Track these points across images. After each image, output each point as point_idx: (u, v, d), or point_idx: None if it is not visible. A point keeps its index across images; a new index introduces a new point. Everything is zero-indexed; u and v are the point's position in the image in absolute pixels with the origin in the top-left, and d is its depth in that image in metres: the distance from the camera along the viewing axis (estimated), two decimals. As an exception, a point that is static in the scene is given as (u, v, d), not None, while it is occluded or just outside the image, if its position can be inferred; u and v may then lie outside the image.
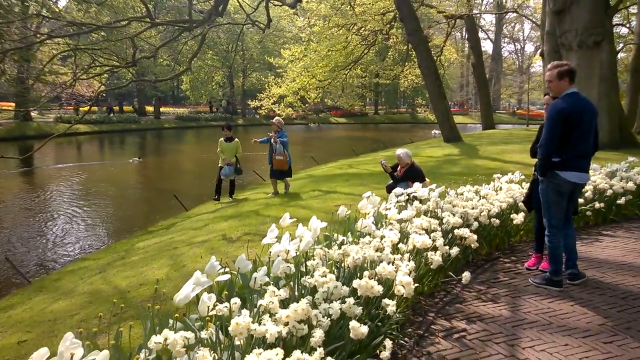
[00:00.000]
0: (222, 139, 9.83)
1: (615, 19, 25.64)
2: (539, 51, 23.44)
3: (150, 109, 45.36)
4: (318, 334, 2.43)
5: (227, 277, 2.96)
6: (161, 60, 30.97)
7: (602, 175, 6.87)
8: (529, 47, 67.00)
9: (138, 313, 3.93)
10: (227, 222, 7.39)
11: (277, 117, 10.07)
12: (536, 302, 3.84)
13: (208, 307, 2.65)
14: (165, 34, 27.87)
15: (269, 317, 2.53)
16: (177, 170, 19.37)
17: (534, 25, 40.20)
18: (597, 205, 6.06)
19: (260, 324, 2.44)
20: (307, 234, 3.34)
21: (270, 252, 3.25)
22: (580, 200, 5.87)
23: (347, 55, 23.00)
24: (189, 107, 50.74)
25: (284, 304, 2.73)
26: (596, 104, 13.75)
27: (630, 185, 6.50)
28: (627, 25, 28.06)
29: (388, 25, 22.96)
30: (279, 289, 2.87)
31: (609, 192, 6.32)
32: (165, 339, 2.19)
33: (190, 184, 15.72)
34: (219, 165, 9.86)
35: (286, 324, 2.49)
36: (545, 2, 18.13)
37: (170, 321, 2.67)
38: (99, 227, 10.09)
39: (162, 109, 45.24)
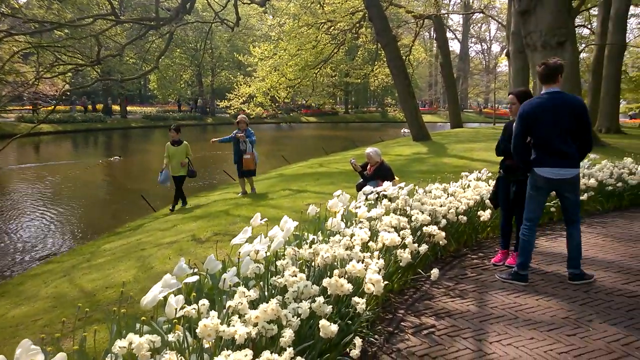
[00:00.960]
0: (169, 142, 9.08)
1: (578, 20, 26.51)
2: (505, 51, 24.03)
3: (117, 108, 44.37)
4: (288, 334, 2.42)
5: (195, 278, 2.92)
6: (128, 58, 30.28)
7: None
8: (495, 47, 68.62)
9: (104, 317, 3.84)
10: (196, 223, 7.30)
11: (242, 115, 9.95)
12: (502, 297, 3.93)
13: (176, 309, 2.60)
14: (132, 31, 27.29)
15: (238, 318, 2.50)
16: (145, 170, 18.97)
17: (499, 25, 41.18)
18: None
19: (229, 325, 2.41)
20: (279, 234, 3.32)
21: (239, 252, 3.21)
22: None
23: (317, 54, 23.01)
24: (156, 106, 49.86)
25: (254, 304, 2.71)
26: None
27: (592, 182, 6.72)
28: (589, 27, 29.04)
29: (357, 25, 23.08)
30: (248, 289, 2.85)
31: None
32: (131, 343, 2.14)
33: (159, 185, 15.41)
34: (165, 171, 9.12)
35: (255, 324, 2.47)
36: (510, 3, 18.60)
37: (137, 325, 2.61)
38: (63, 229, 9.80)
39: (129, 108, 44.29)
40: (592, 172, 7.19)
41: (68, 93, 29.09)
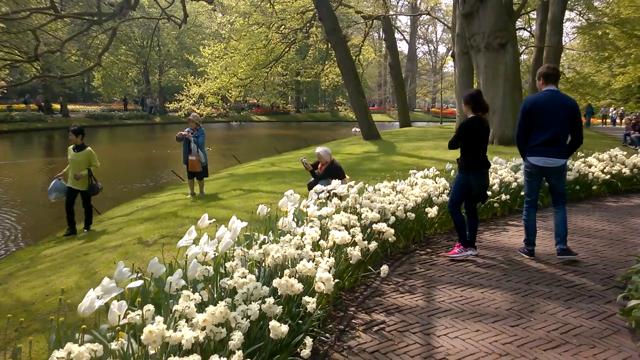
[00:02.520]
0: (71, 146, 7.46)
1: (518, 23, 27.69)
2: (450, 52, 24.78)
3: (57, 106, 42.31)
4: (237, 337, 2.38)
5: (139, 283, 2.81)
6: (69, 55, 28.92)
7: (508, 169, 7.37)
8: (442, 48, 70.38)
9: (44, 326, 3.64)
10: (143, 225, 7.07)
11: (194, 114, 9.69)
12: (450, 291, 4.03)
13: (119, 316, 2.50)
14: (74, 27, 26.10)
15: (186, 322, 2.44)
16: (89, 172, 18.21)
17: (445, 27, 42.33)
18: (503, 197, 6.48)
19: (176, 330, 2.35)
20: (226, 235, 3.26)
21: (186, 254, 3.13)
22: (488, 193, 6.25)
23: (268, 53, 22.85)
24: (101, 105, 47.96)
25: (203, 307, 2.64)
26: (501, 102, 14.78)
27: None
28: (529, 29, 30.41)
29: (308, 24, 23.11)
30: (197, 292, 2.78)
31: (514, 184, 6.79)
32: (69, 353, 2.04)
33: (103, 185, 14.81)
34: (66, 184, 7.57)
35: (203, 328, 2.41)
36: (455, 5, 19.15)
37: (77, 333, 2.49)
38: (-2, 235, 9.24)
39: (71, 107, 42.35)
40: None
41: (5, 91, 27.48)
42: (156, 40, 42.52)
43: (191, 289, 2.95)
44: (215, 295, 3.02)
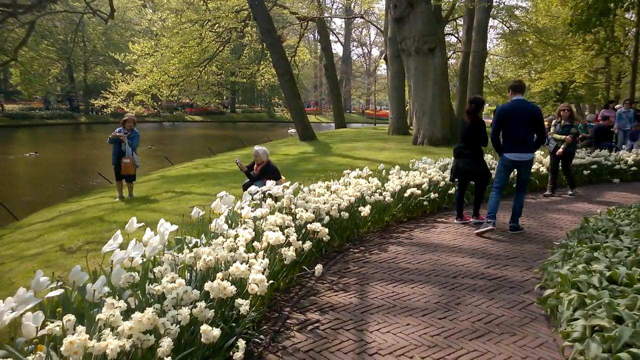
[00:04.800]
0: None
1: (446, 29, 28.93)
2: (383, 55, 25.42)
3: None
4: (166, 343, 2.31)
5: (59, 292, 2.66)
6: (-18, 49, 26.79)
7: (436, 168, 7.66)
8: (375, 51, 72.07)
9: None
10: (66, 231, 6.68)
11: (129, 114, 9.29)
12: (382, 288, 4.13)
13: (37, 327, 2.35)
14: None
15: (111, 331, 2.33)
16: (5, 175, 16.97)
17: (378, 30, 43.40)
18: (432, 195, 6.74)
19: (100, 339, 2.24)
20: (154, 239, 3.15)
21: (111, 260, 2.99)
22: (418, 191, 6.49)
23: (202, 51, 22.35)
24: (20, 103, 44.82)
25: (130, 315, 2.54)
26: (431, 104, 15.36)
27: (459, 176, 7.35)
28: (456, 35, 31.83)
29: (243, 23, 22.85)
30: (124, 299, 2.67)
31: (442, 183, 7.08)
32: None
33: (22, 190, 13.88)
34: None
35: (130, 336, 2.32)
36: (387, 9, 19.69)
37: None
38: None
39: (-15, 105, 39.30)
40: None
41: None
42: (81, 36, 40.43)
43: (117, 296, 2.83)
44: (143, 302, 2.91)
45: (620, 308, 2.94)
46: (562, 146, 8.30)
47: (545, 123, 8.21)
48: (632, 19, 28.10)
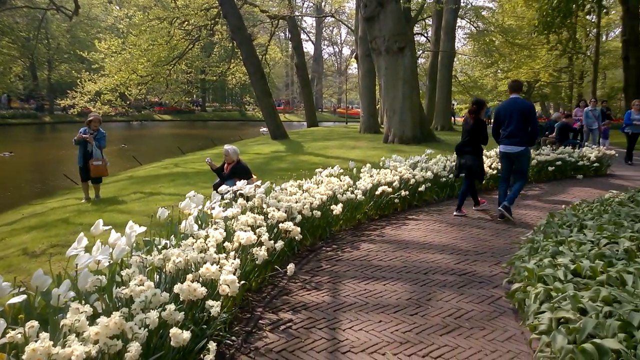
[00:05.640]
0: None
1: (416, 29, 29.27)
2: (354, 54, 25.55)
3: None
4: (134, 348, 2.26)
5: (22, 298, 2.56)
6: None
7: (406, 166, 7.74)
8: (346, 50, 72.25)
9: None
10: (30, 234, 6.46)
11: (94, 113, 9.05)
12: (354, 285, 4.15)
13: (-4, 335, 2.26)
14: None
15: (76, 337, 2.26)
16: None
17: (349, 30, 43.57)
18: (403, 193, 6.80)
19: (64, 346, 2.17)
20: (120, 241, 3.08)
21: (76, 264, 2.90)
22: (389, 189, 6.55)
23: (171, 49, 22.00)
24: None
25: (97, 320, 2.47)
26: (401, 103, 15.52)
27: (429, 174, 7.46)
28: (425, 35, 32.25)
29: (212, 21, 22.58)
30: (89, 304, 2.60)
31: (412, 181, 7.16)
32: None
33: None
34: None
35: (96, 341, 2.26)
36: (358, 9, 19.78)
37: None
38: None
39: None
40: (429, 165, 7.98)
41: None
42: (44, 33, 39.23)
43: (83, 301, 2.75)
44: (110, 306, 2.84)
45: (584, 300, 3.02)
46: None
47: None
48: (593, 21, 29.05)
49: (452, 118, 36.36)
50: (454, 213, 6.76)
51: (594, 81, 25.67)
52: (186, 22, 22.06)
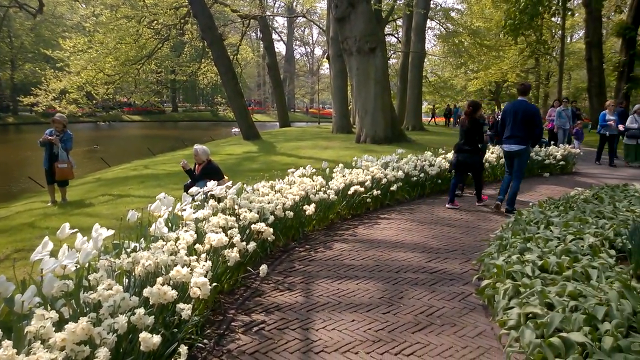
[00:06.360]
0: None
1: (387, 30, 29.54)
2: (326, 54, 25.57)
3: None
4: (102, 354, 2.20)
5: (-18, 305, 2.47)
6: None
7: (378, 166, 7.80)
8: (318, 51, 72.28)
9: None
10: (-7, 239, 6.24)
11: (59, 114, 8.80)
12: (327, 285, 4.15)
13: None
14: None
15: (42, 344, 2.19)
16: None
17: (321, 30, 43.60)
18: (375, 192, 6.85)
19: (29, 353, 2.10)
20: (87, 244, 3.00)
21: (41, 269, 2.82)
22: (361, 189, 6.59)
23: (140, 49, 21.60)
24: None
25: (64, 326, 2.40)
26: (373, 104, 15.61)
27: (400, 174, 7.53)
28: (396, 36, 32.58)
29: (182, 20, 22.26)
30: (57, 309, 2.53)
31: (384, 180, 7.22)
32: None
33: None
34: None
35: (63, 348, 2.20)
36: (329, 9, 19.83)
37: None
38: None
39: None
40: (401, 165, 8.06)
41: None
42: (6, 31, 37.95)
43: (49, 307, 2.67)
44: (78, 311, 2.76)
45: (552, 295, 3.11)
46: None
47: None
48: (558, 23, 29.88)
49: (433, 118, 36.98)
50: (446, 205, 7.24)
51: (560, 82, 26.40)
52: (155, 21, 21.69)
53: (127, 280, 3.25)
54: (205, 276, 3.18)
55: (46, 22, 40.51)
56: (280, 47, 68.63)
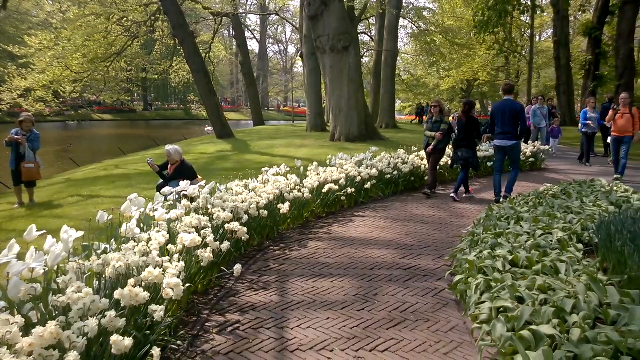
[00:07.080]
0: None
1: (360, 28, 29.66)
2: (299, 53, 25.54)
3: None
4: (72, 358, 2.15)
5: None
6: None
7: (352, 164, 7.84)
8: (292, 49, 72.01)
9: None
10: (-44, 243, 6.02)
11: (25, 113, 8.56)
12: (302, 284, 4.16)
13: None
14: None
15: (8, 349, 2.13)
16: None
17: (294, 28, 43.48)
18: (349, 190, 6.88)
19: (-6, 360, 2.04)
20: (56, 247, 2.93)
21: (7, 272, 2.73)
22: (335, 187, 6.61)
23: (109, 46, 21.11)
24: None
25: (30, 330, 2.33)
26: (347, 102, 15.66)
27: (374, 171, 7.58)
28: (369, 34, 32.75)
29: (153, 18, 21.87)
30: (24, 314, 2.45)
31: (358, 178, 7.26)
32: None
33: None
34: None
35: (30, 353, 2.14)
36: (302, 7, 19.79)
37: None
38: None
39: None
40: (374, 162, 8.11)
41: None
42: (-33, 27, 36.62)
43: (16, 311, 2.59)
44: (46, 315, 2.69)
45: (522, 289, 3.18)
46: (432, 143, 7.96)
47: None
48: (527, 22, 30.55)
49: (420, 116, 37.22)
50: (451, 194, 7.77)
51: (529, 80, 27.04)
52: (125, 18, 21.24)
53: (97, 282, 3.18)
54: (179, 277, 3.14)
55: (10, 18, 39.28)
56: (253, 45, 68.17)
